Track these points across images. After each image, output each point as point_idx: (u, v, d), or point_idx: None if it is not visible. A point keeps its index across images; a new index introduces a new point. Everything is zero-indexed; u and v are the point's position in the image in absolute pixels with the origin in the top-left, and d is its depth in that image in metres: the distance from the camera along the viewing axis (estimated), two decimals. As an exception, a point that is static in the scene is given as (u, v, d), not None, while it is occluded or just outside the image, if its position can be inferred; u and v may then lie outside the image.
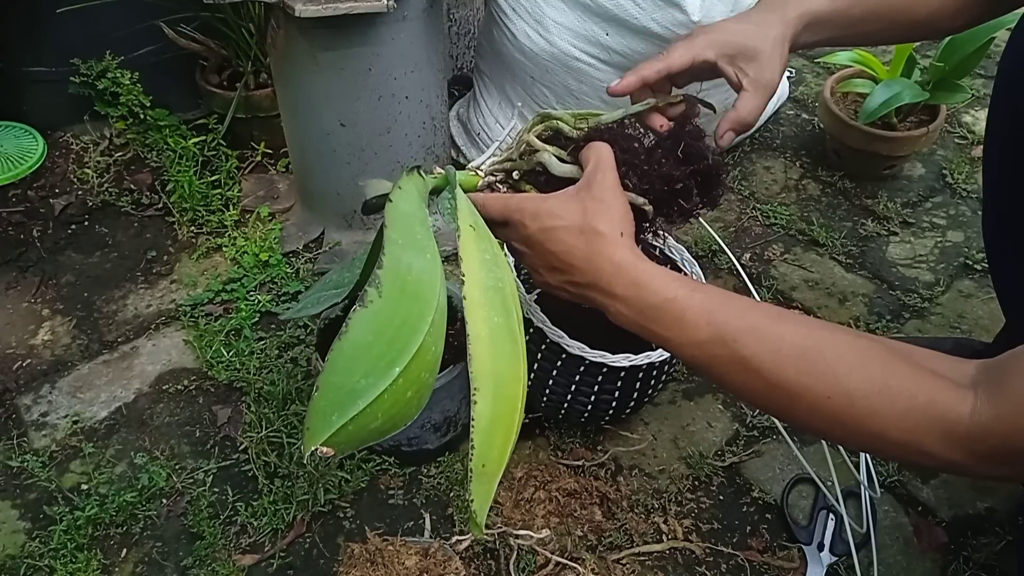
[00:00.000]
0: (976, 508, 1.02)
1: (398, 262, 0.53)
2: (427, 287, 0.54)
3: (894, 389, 0.52)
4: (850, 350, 0.55)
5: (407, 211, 0.59)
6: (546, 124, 0.71)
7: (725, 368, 0.57)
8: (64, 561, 0.95)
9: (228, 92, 1.48)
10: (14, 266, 1.35)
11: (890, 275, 1.34)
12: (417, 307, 0.53)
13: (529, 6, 1.28)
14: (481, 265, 0.58)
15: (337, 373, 0.50)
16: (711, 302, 0.58)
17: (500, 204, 0.65)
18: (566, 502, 1.01)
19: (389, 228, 0.56)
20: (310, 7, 1.04)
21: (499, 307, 0.57)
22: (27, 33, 1.47)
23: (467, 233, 0.59)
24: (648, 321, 0.59)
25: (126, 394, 1.15)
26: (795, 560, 0.97)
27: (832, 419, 0.54)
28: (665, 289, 0.58)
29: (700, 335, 0.57)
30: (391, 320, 0.52)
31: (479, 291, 0.57)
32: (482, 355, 0.54)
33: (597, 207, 0.61)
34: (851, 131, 1.44)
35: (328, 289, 0.85)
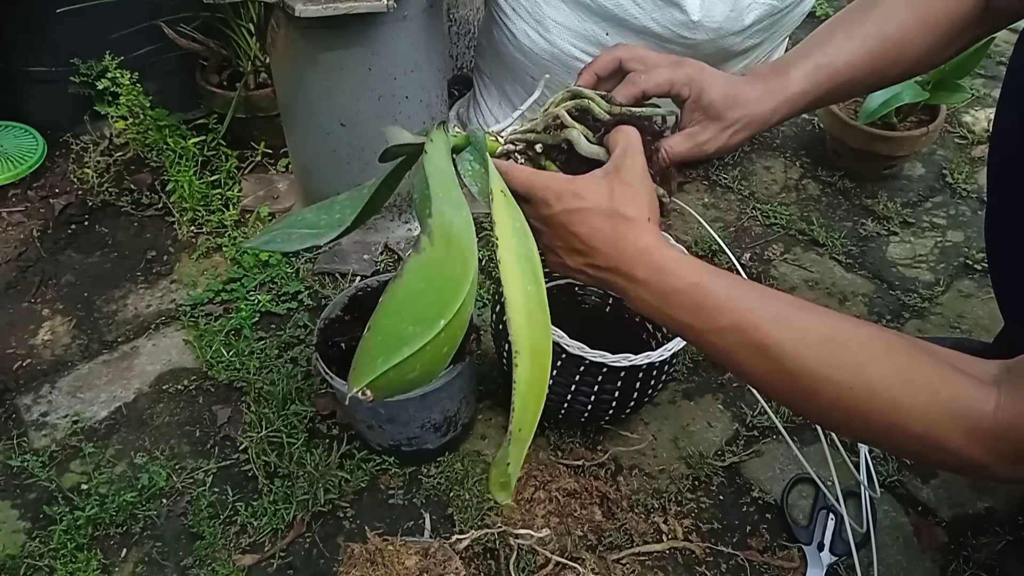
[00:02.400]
0: (976, 508, 1.02)
1: (442, 215, 0.53)
2: (468, 244, 0.55)
3: (917, 382, 0.52)
4: (875, 341, 0.54)
5: (440, 165, 0.59)
6: (576, 102, 0.69)
7: (745, 356, 0.56)
8: (64, 561, 0.95)
9: (228, 92, 1.48)
10: (14, 266, 1.35)
11: (890, 275, 1.34)
12: (461, 262, 0.53)
13: (529, 6, 1.28)
14: (513, 232, 0.58)
15: (389, 316, 0.49)
16: (735, 288, 0.57)
17: (525, 178, 0.64)
18: (566, 502, 1.01)
19: (431, 180, 0.56)
20: (310, 7, 1.04)
21: (532, 277, 0.57)
22: (27, 33, 1.47)
23: (499, 199, 0.59)
24: (669, 307, 0.59)
25: (126, 394, 1.15)
26: (795, 560, 0.97)
27: (853, 410, 0.53)
28: (689, 273, 0.58)
29: (722, 321, 0.56)
30: (440, 270, 0.52)
31: (513, 258, 0.57)
32: (519, 321, 0.54)
33: (625, 191, 0.60)
34: (851, 131, 1.44)
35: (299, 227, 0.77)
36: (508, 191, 0.62)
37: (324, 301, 1.27)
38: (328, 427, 1.09)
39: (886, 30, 0.74)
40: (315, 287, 1.29)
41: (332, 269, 1.32)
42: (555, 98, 0.70)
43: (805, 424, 1.10)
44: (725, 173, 1.52)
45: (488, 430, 1.10)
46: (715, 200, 1.48)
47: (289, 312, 1.25)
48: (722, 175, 1.52)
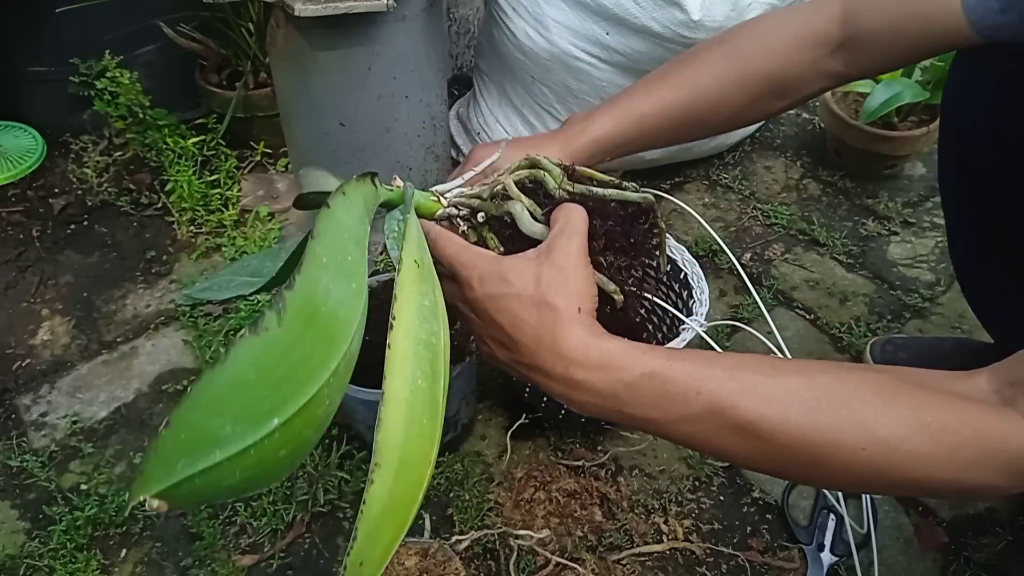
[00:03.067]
0: (976, 508, 1.02)
1: (315, 285, 0.44)
2: (342, 323, 0.45)
3: (934, 426, 0.47)
4: (867, 389, 0.49)
5: (345, 223, 0.49)
6: (531, 172, 0.62)
7: (730, 440, 0.50)
8: (64, 561, 0.95)
9: (228, 92, 1.48)
10: (14, 266, 1.35)
11: (891, 275, 1.33)
12: (323, 346, 0.43)
13: (529, 6, 1.27)
14: (418, 312, 0.49)
15: (199, 410, 0.39)
16: (696, 368, 0.50)
17: (452, 252, 0.58)
18: (566, 502, 1.00)
19: (316, 240, 0.45)
20: (310, 7, 1.04)
21: (427, 368, 0.48)
22: (27, 33, 1.46)
23: (408, 269, 0.50)
24: (624, 405, 0.51)
25: (125, 394, 1.15)
26: (795, 560, 0.97)
27: (872, 472, 0.48)
28: (637, 364, 0.50)
29: (692, 408, 0.49)
30: (285, 357, 0.41)
31: (409, 343, 0.47)
32: (394, 423, 0.45)
33: (554, 276, 0.53)
34: (852, 131, 1.44)
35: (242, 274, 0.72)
36: (427, 262, 0.54)
37: (324, 301, 1.26)
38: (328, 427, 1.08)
39: (702, 81, 0.75)
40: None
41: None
42: (512, 164, 0.65)
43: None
44: (725, 173, 1.52)
45: (488, 430, 1.10)
46: (715, 200, 1.48)
47: (289, 312, 1.25)
48: (722, 175, 1.52)
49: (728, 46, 0.77)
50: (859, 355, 1.17)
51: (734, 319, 1.23)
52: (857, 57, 0.74)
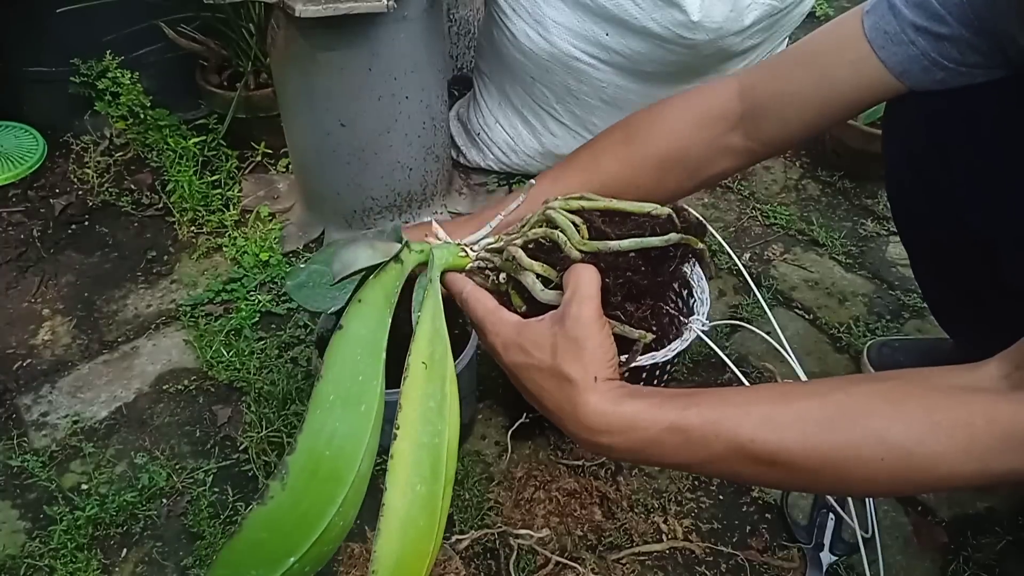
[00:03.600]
0: (976, 508, 1.02)
1: (318, 436, 0.49)
2: (347, 458, 0.50)
3: (946, 424, 0.49)
4: (875, 400, 0.51)
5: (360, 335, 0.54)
6: (546, 231, 0.60)
7: (757, 471, 0.52)
8: (64, 561, 0.95)
9: (228, 92, 1.48)
10: (14, 266, 1.35)
11: (890, 275, 1.34)
12: (328, 488, 0.49)
13: (529, 6, 1.28)
14: (421, 416, 0.52)
15: (227, 567, 0.48)
16: (711, 410, 0.52)
17: (479, 314, 0.60)
18: (566, 502, 1.01)
19: (322, 381, 0.51)
20: (310, 7, 1.04)
21: (427, 471, 0.51)
22: (27, 33, 1.47)
23: (416, 372, 0.53)
24: (651, 456, 0.54)
25: (126, 394, 1.15)
26: (795, 560, 0.97)
27: (896, 478, 0.50)
28: (656, 422, 0.52)
29: (714, 449, 0.52)
30: (292, 512, 0.48)
31: (410, 450, 0.51)
32: (391, 533, 0.48)
33: (568, 347, 0.54)
34: (851, 131, 1.44)
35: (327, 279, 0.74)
36: (436, 357, 0.55)
37: (324, 301, 1.27)
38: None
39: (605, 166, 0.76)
40: (315, 287, 1.29)
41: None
42: (530, 216, 0.63)
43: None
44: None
45: (488, 430, 1.10)
46: (715, 200, 1.48)
47: (289, 312, 1.25)
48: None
49: (628, 130, 0.78)
50: (858, 355, 1.17)
51: (734, 319, 1.23)
52: (758, 129, 0.74)
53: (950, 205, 0.77)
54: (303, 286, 0.73)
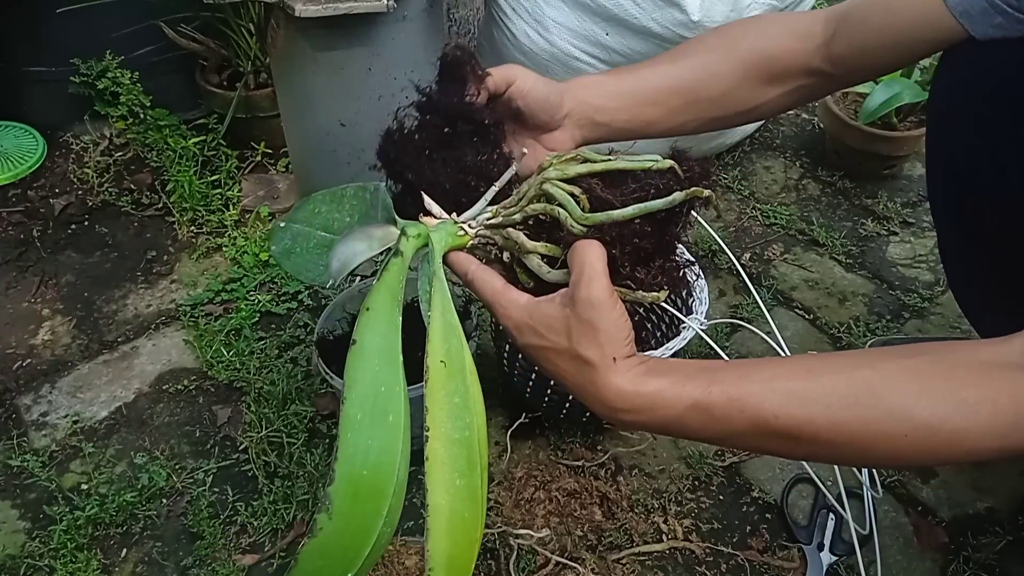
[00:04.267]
0: (976, 508, 1.02)
1: (353, 460, 0.51)
2: (385, 472, 0.51)
3: (971, 400, 0.49)
4: (901, 377, 0.51)
5: (374, 346, 0.54)
6: (544, 207, 0.58)
7: (780, 445, 0.53)
8: (64, 561, 0.95)
9: (228, 92, 1.48)
10: (14, 266, 1.35)
11: (890, 275, 1.34)
12: (372, 504, 0.50)
13: (529, 6, 1.28)
14: (449, 414, 0.53)
15: None
16: (735, 387, 0.52)
17: (488, 295, 0.59)
18: (566, 502, 1.01)
19: (347, 402, 0.52)
20: (310, 7, 1.04)
21: (463, 464, 0.52)
22: (27, 33, 1.47)
23: (436, 372, 0.54)
24: (674, 432, 0.55)
25: (126, 394, 1.15)
26: (795, 560, 0.97)
27: (918, 452, 0.50)
28: (679, 400, 0.53)
29: (737, 425, 0.52)
30: (343, 536, 0.50)
31: (443, 448, 0.52)
32: (439, 530, 0.50)
33: (583, 330, 0.53)
34: (851, 131, 1.44)
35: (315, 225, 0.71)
36: (453, 354, 0.56)
37: (324, 301, 1.27)
38: (328, 427, 1.09)
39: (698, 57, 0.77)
40: (315, 287, 1.29)
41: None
42: (525, 188, 0.61)
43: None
44: (725, 173, 1.52)
45: (488, 430, 1.10)
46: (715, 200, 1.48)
47: (289, 312, 1.25)
48: (722, 175, 1.52)
49: (722, 30, 0.81)
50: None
51: (734, 318, 1.23)
52: (839, 55, 0.75)
53: (995, 164, 0.75)
54: (290, 253, 0.69)
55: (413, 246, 0.62)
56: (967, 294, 0.93)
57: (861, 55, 0.75)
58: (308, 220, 0.69)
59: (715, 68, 0.77)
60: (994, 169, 0.75)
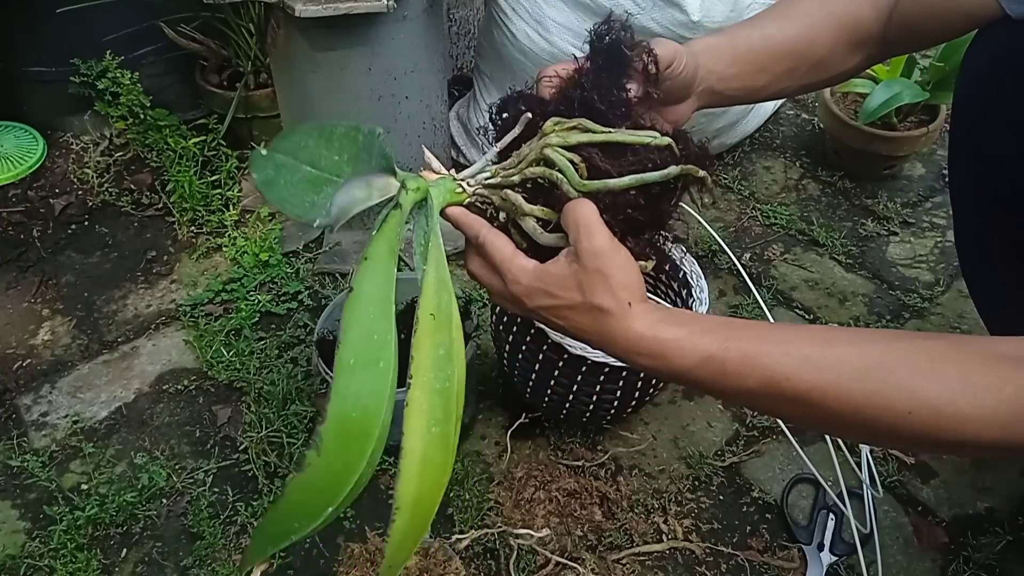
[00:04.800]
0: (976, 508, 1.02)
1: (344, 402, 0.53)
2: (372, 415, 0.54)
3: (978, 387, 0.49)
4: (916, 355, 0.52)
5: (370, 294, 0.56)
6: (543, 171, 0.59)
7: (785, 408, 0.54)
8: (64, 561, 0.95)
9: (228, 92, 1.48)
10: (14, 266, 1.35)
11: (890, 275, 1.34)
12: (358, 446, 0.53)
13: (529, 6, 1.28)
14: (432, 364, 0.55)
15: (274, 523, 0.54)
16: (751, 345, 0.53)
17: (496, 261, 0.59)
18: (566, 502, 1.01)
19: (343, 346, 0.54)
20: (310, 7, 1.04)
21: (440, 413, 0.55)
22: (27, 33, 1.47)
23: (426, 324, 0.56)
24: (687, 381, 0.56)
25: (126, 394, 1.15)
26: (795, 560, 0.97)
27: (918, 433, 0.51)
28: (695, 351, 0.54)
29: (748, 383, 0.53)
30: (328, 473, 0.53)
31: (424, 396, 0.54)
32: (410, 474, 0.53)
33: (593, 280, 0.55)
34: (851, 131, 1.44)
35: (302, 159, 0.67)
36: (443, 307, 0.57)
37: (324, 301, 1.27)
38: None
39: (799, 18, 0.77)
40: (315, 287, 1.29)
41: (332, 269, 1.32)
42: (526, 151, 0.61)
43: (805, 424, 1.11)
44: (725, 173, 1.52)
45: (488, 430, 1.10)
46: (715, 200, 1.48)
47: (289, 312, 1.25)
48: (722, 175, 1.52)
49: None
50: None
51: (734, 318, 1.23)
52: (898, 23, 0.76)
53: (1019, 141, 0.75)
54: (273, 184, 0.66)
55: (412, 199, 0.62)
56: (980, 281, 0.93)
57: (912, 25, 0.76)
58: (293, 152, 0.66)
59: (817, 32, 0.77)
60: (1018, 145, 0.75)
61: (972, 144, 0.83)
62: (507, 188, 0.62)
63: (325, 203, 0.62)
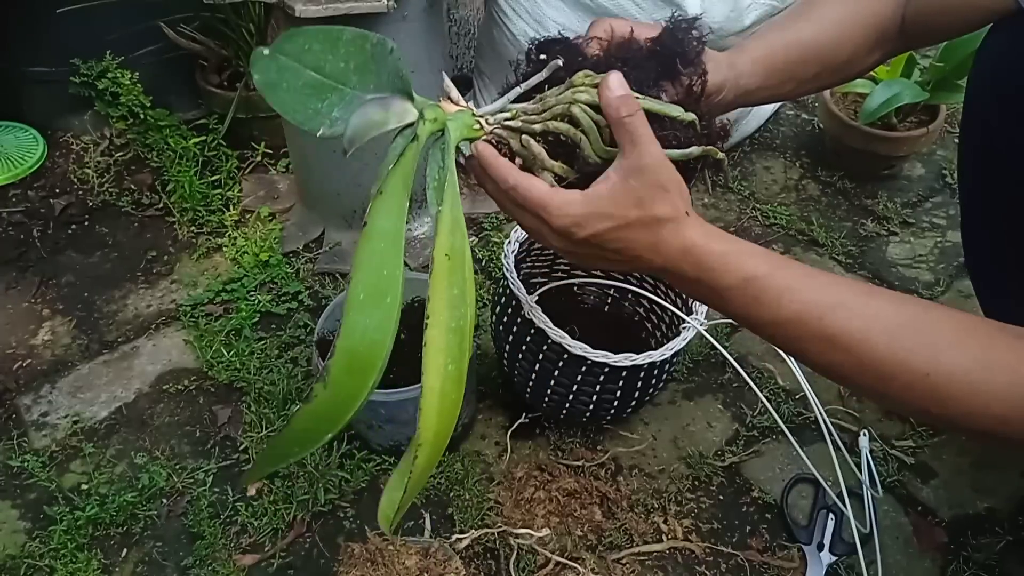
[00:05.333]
0: (976, 508, 1.02)
1: (352, 336, 0.55)
2: (377, 347, 0.55)
3: (996, 364, 0.51)
4: (946, 324, 0.53)
5: (383, 229, 0.56)
6: (569, 129, 0.58)
7: (809, 346, 0.55)
8: (64, 561, 0.95)
9: (228, 92, 1.48)
10: (14, 266, 1.35)
11: (890, 275, 1.34)
12: (362, 377, 0.55)
13: (529, 6, 1.28)
14: (448, 304, 0.56)
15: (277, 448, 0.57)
16: (794, 279, 0.55)
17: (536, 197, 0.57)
18: (566, 502, 1.01)
19: (354, 283, 0.55)
20: (310, 7, 1.04)
21: (456, 351, 0.56)
22: (27, 33, 1.47)
23: (440, 265, 0.56)
24: (725, 302, 0.57)
25: (126, 394, 1.15)
26: (795, 560, 0.97)
27: (929, 397, 0.52)
28: (741, 268, 0.55)
29: (782, 313, 0.54)
30: (332, 403, 0.55)
31: (441, 335, 0.55)
32: (431, 410, 0.55)
33: (654, 193, 0.54)
34: (851, 131, 1.44)
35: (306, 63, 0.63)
36: (457, 248, 0.57)
37: (324, 301, 1.27)
38: (328, 427, 1.08)
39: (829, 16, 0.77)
40: (315, 287, 1.29)
41: (332, 269, 1.32)
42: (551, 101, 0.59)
43: (805, 424, 1.10)
44: (725, 173, 1.52)
45: (488, 430, 1.10)
46: (715, 200, 1.48)
47: (289, 312, 1.25)
48: (722, 175, 1.52)
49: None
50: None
51: (734, 319, 1.23)
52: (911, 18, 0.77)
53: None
54: (275, 87, 0.62)
55: (428, 131, 0.62)
56: (984, 269, 0.93)
57: (927, 19, 0.76)
58: (297, 55, 0.63)
59: (844, 33, 0.77)
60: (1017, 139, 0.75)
61: (984, 130, 0.83)
62: (527, 134, 0.60)
63: (329, 111, 0.61)
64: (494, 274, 1.31)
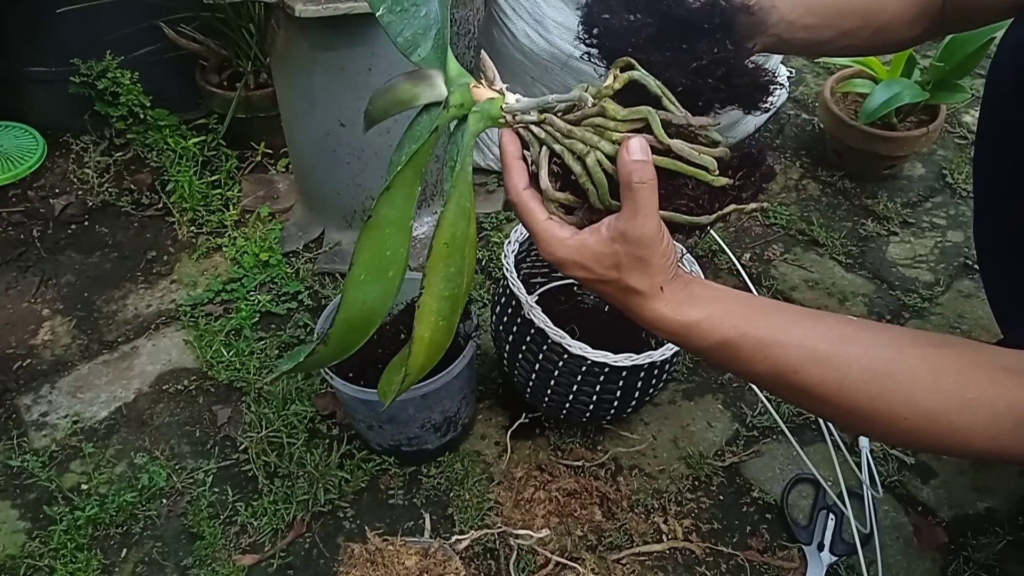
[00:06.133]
0: (976, 508, 1.02)
1: (351, 309, 0.59)
2: (377, 312, 0.60)
3: (973, 401, 0.52)
4: (922, 367, 0.54)
5: (388, 217, 0.58)
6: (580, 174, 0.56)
7: (791, 396, 0.57)
8: (64, 561, 0.95)
9: (228, 92, 1.48)
10: (14, 266, 1.35)
11: (890, 275, 1.34)
12: (361, 332, 0.61)
13: (529, 6, 1.28)
14: (443, 278, 0.59)
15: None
16: (767, 335, 0.56)
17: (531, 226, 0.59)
18: (566, 502, 1.01)
19: (356, 266, 0.57)
20: (310, 7, 1.04)
21: (447, 310, 0.60)
22: (27, 33, 1.47)
23: (438, 251, 0.58)
24: (704, 358, 0.59)
25: (126, 394, 1.15)
26: (795, 560, 0.97)
27: (912, 437, 0.54)
28: (712, 334, 0.56)
29: (759, 368, 0.56)
30: (331, 354, 0.62)
31: (433, 301, 0.59)
32: (419, 353, 0.60)
33: (634, 265, 0.55)
34: (851, 131, 1.44)
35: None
36: (457, 237, 0.59)
37: (324, 301, 1.27)
38: (328, 427, 1.09)
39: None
40: (315, 287, 1.29)
41: (332, 269, 1.32)
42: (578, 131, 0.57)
43: (806, 424, 1.10)
44: (725, 173, 1.52)
45: (488, 430, 1.10)
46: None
47: (289, 312, 1.25)
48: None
49: None
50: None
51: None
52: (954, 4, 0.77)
53: None
54: None
55: (449, 117, 0.63)
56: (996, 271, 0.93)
57: (966, 3, 0.77)
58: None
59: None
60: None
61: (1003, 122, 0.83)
62: (544, 149, 0.59)
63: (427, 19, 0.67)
64: (494, 274, 1.31)
